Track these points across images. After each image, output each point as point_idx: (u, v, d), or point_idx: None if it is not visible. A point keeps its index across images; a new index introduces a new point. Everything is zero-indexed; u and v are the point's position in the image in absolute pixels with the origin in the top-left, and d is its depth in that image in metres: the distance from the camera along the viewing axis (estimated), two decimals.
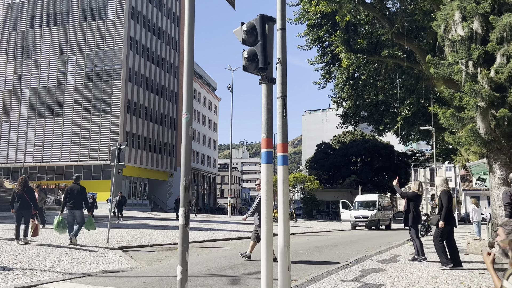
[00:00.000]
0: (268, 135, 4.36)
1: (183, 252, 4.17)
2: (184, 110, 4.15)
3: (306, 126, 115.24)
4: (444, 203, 7.97)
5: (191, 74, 4.14)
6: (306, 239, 16.50)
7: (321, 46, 35.50)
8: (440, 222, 7.89)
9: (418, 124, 42.28)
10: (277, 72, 4.69)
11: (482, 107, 9.49)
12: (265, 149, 4.40)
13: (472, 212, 18.12)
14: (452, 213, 8.17)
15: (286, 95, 4.65)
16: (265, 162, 4.47)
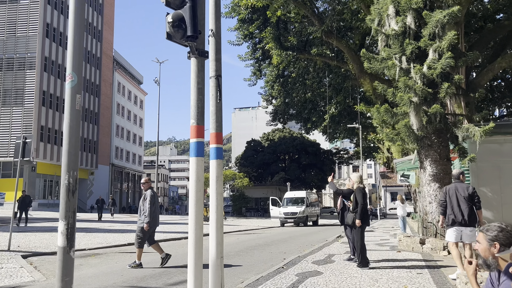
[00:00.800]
0: (198, 122, 3.51)
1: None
2: (68, 70, 3.10)
3: (236, 124, 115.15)
4: (359, 200, 7.66)
5: (80, 20, 3.17)
6: (236, 239, 15.82)
7: (251, 42, 35.04)
8: (356, 220, 7.57)
9: (343, 122, 43.61)
10: (210, 46, 3.86)
11: (415, 103, 9.39)
12: (194, 138, 3.54)
13: (397, 208, 18.59)
14: (367, 211, 7.90)
15: (221, 75, 3.84)
16: (195, 154, 3.59)
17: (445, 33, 9.55)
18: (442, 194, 7.07)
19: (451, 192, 6.95)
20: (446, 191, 7.02)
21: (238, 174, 45.21)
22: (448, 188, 7.02)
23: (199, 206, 3.67)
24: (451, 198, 6.87)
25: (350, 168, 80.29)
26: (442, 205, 6.94)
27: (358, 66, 26.84)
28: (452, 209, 6.79)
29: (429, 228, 9.94)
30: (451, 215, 6.79)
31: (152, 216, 8.44)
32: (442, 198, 7.00)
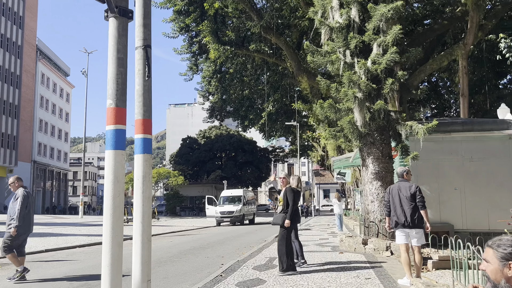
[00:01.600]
0: (118, 103, 2.64)
1: None
2: None
3: (170, 120, 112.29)
4: (290, 201, 7.17)
5: None
6: (169, 242, 14.79)
7: (188, 35, 33.86)
8: (286, 220, 7.06)
9: (280, 121, 43.75)
10: (136, 8, 3.00)
11: (359, 99, 9.05)
12: (112, 125, 2.66)
13: (334, 206, 18.62)
14: (298, 211, 7.48)
15: (150, 45, 3.00)
16: (113, 146, 2.69)
17: (389, 28, 9.33)
18: (386, 194, 6.71)
19: (393, 192, 6.61)
20: (389, 190, 6.68)
21: (172, 172, 43.64)
22: (391, 188, 6.69)
23: (117, 217, 2.79)
24: (393, 198, 6.54)
25: (285, 165, 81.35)
26: (386, 206, 6.59)
27: (296, 64, 26.80)
28: (395, 210, 6.46)
29: (371, 228, 9.69)
30: (394, 217, 6.45)
31: (22, 220, 7.06)
32: (386, 198, 6.65)
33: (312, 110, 30.12)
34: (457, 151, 10.81)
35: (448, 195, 10.73)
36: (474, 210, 10.56)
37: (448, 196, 10.72)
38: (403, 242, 6.51)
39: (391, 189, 6.61)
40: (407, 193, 6.67)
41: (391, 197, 6.48)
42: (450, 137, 10.77)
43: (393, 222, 6.40)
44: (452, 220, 10.53)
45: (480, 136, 10.64)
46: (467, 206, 10.63)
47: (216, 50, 29.20)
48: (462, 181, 10.73)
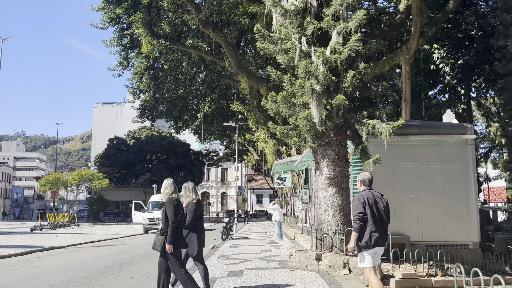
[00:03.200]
0: None
1: None
2: None
3: (97, 120, 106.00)
4: (170, 217, 5.44)
5: None
6: (86, 256, 12.61)
7: (118, 27, 31.25)
8: (166, 245, 5.35)
9: (216, 123, 42.18)
10: None
11: (318, 92, 7.82)
12: None
13: (274, 212, 17.59)
14: (181, 231, 5.67)
15: None
16: None
17: (349, 16, 8.25)
18: (360, 204, 5.45)
19: (370, 202, 5.42)
20: (364, 200, 5.45)
21: (96, 175, 40.18)
22: (366, 198, 5.48)
23: None
24: (373, 211, 5.34)
25: (219, 170, 79.87)
26: (362, 220, 5.33)
27: (236, 62, 25.39)
28: (376, 225, 5.27)
29: (324, 241, 8.49)
30: (375, 233, 5.25)
31: None
32: (360, 209, 5.38)
33: (251, 112, 28.96)
34: (413, 156, 10.00)
35: (404, 203, 9.87)
36: (430, 220, 9.79)
37: (403, 205, 9.85)
38: (371, 265, 5.34)
39: (367, 199, 5.41)
40: (382, 204, 5.54)
41: (370, 210, 5.28)
42: (407, 141, 9.94)
43: (372, 240, 5.18)
44: (408, 231, 9.67)
45: (437, 141, 9.91)
46: (423, 215, 9.84)
47: (149, 43, 26.98)
48: (418, 188, 9.94)
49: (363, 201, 5.43)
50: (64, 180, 37.65)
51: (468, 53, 22.26)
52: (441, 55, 23.03)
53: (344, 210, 8.54)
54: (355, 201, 5.55)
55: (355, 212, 5.41)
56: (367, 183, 5.73)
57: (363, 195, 5.56)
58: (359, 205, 5.41)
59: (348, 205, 8.69)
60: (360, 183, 5.78)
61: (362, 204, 5.41)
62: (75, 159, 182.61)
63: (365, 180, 5.77)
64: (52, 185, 36.78)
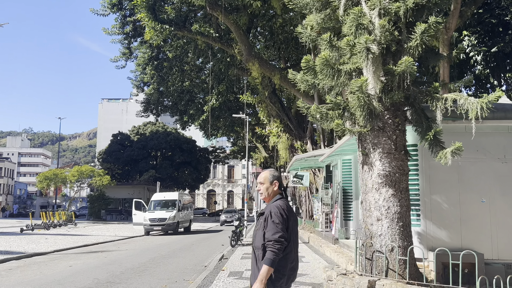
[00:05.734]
0: None
1: None
2: None
3: (103, 116, 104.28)
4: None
5: None
6: (66, 268, 10.40)
7: (120, 14, 29.13)
8: None
9: (223, 118, 40.01)
10: None
11: (374, 53, 5.51)
12: None
13: None
14: None
15: None
16: None
17: None
18: (283, 221, 3.32)
19: (290, 217, 3.42)
20: (287, 215, 3.34)
21: (97, 171, 38.11)
22: (288, 210, 3.40)
23: None
24: (293, 231, 3.42)
25: (226, 167, 77.71)
26: (283, 247, 3.23)
27: (246, 48, 23.09)
28: (295, 256, 3.43)
29: (377, 261, 6.20)
30: (291, 264, 3.47)
31: None
32: (284, 230, 3.32)
33: (262, 103, 26.64)
34: (485, 148, 7.67)
35: (473, 210, 7.56)
36: (509, 231, 7.47)
37: (472, 212, 7.55)
38: None
39: (288, 212, 3.32)
40: (296, 221, 3.55)
41: (291, 228, 3.30)
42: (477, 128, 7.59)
43: (285, 277, 3.24)
44: (479, 246, 7.35)
45: None
46: (499, 225, 7.52)
47: (152, 29, 24.69)
48: (492, 190, 7.61)
49: (286, 217, 3.28)
50: (63, 177, 35.64)
51: (503, 40, 19.81)
52: (472, 42, 20.56)
53: (404, 220, 6.25)
54: (274, 215, 3.28)
55: (274, 234, 3.18)
56: (281, 185, 3.54)
57: (282, 206, 3.33)
58: (281, 223, 3.24)
59: (409, 212, 6.39)
60: (274, 184, 3.50)
61: (286, 221, 3.27)
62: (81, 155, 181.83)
63: (280, 180, 3.56)
64: (50, 182, 34.78)
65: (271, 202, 3.40)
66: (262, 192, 3.49)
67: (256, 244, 3.28)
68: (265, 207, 3.45)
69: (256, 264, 3.25)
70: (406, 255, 6.08)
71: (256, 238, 3.31)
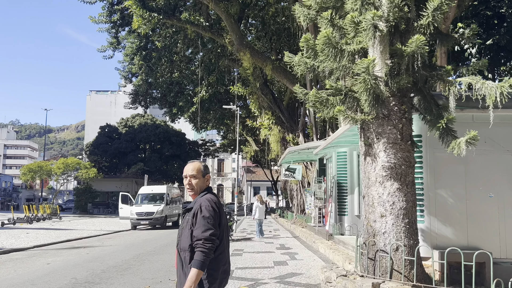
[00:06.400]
0: None
1: None
2: None
3: (91, 108, 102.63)
4: None
5: None
6: (43, 266, 9.74)
7: (108, 1, 28.22)
8: None
9: (213, 110, 39.36)
10: None
11: (382, 31, 4.94)
12: None
13: (254, 210, 15.92)
14: None
15: None
16: None
17: None
18: (215, 215, 2.89)
19: (222, 214, 3.09)
20: (218, 210, 2.96)
21: (83, 163, 37.21)
22: (217, 205, 3.01)
23: None
24: (224, 230, 3.11)
25: (216, 161, 77.04)
26: (215, 243, 2.83)
27: (237, 37, 22.41)
28: (227, 257, 3.13)
29: (380, 261, 5.66)
30: (226, 273, 2.95)
31: None
32: (216, 227, 2.88)
33: (253, 95, 26.01)
34: (493, 138, 7.18)
35: (480, 205, 7.07)
36: None
37: (479, 207, 7.06)
38: None
39: (220, 207, 2.92)
40: (225, 217, 3.23)
41: (223, 225, 2.91)
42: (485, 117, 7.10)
43: (217, 281, 2.79)
44: (487, 244, 6.86)
45: None
46: (507, 222, 7.04)
47: (140, 17, 23.85)
48: (500, 184, 7.13)
49: (218, 212, 2.85)
50: (48, 169, 34.69)
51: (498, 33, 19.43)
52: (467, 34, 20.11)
53: (410, 216, 5.73)
54: (204, 209, 2.82)
55: (204, 232, 2.71)
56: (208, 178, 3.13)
57: (213, 199, 2.92)
58: (212, 218, 2.79)
59: (415, 208, 5.87)
60: (207, 178, 3.08)
61: (218, 216, 2.84)
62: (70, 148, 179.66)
63: (208, 172, 3.12)
64: (35, 174, 33.82)
65: (199, 196, 2.93)
66: (193, 187, 2.97)
67: (182, 246, 2.78)
68: (192, 202, 2.96)
69: (182, 269, 2.75)
70: (413, 254, 5.56)
71: (182, 238, 2.80)
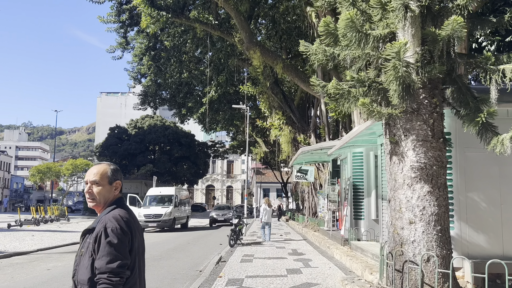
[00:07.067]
0: None
1: None
2: None
3: (101, 110, 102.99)
4: None
5: None
6: (44, 272, 9.24)
7: (116, 1, 27.94)
8: None
9: (223, 111, 38.89)
10: None
11: (413, 12, 4.32)
12: None
13: (262, 213, 15.50)
14: None
15: None
16: None
17: None
18: (124, 239, 2.24)
19: (135, 234, 2.39)
20: (132, 230, 2.36)
21: (92, 165, 37.00)
22: (131, 223, 2.35)
23: None
24: (138, 252, 2.44)
25: (225, 162, 76.59)
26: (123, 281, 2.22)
27: (247, 35, 21.86)
28: (140, 278, 2.44)
29: (409, 274, 5.03)
30: None
31: None
32: (125, 255, 2.23)
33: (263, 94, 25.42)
34: None
35: None
36: None
37: None
38: None
39: (133, 226, 2.25)
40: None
41: (137, 249, 2.24)
42: None
43: None
44: None
45: None
46: None
47: (149, 16, 23.44)
48: None
49: (129, 235, 2.22)
50: (57, 170, 34.48)
51: None
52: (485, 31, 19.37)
53: (442, 223, 5.08)
54: (111, 233, 2.18)
55: (110, 263, 2.10)
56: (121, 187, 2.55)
57: (123, 217, 2.25)
58: (121, 243, 2.16)
59: (448, 214, 5.22)
60: (116, 185, 2.47)
61: (129, 240, 2.22)
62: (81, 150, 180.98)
63: (122, 179, 2.62)
64: (44, 175, 33.64)
65: (104, 212, 2.25)
66: (94, 197, 2.30)
67: (79, 278, 2.13)
68: (95, 219, 2.26)
69: None
70: (446, 266, 4.92)
71: (80, 268, 2.15)
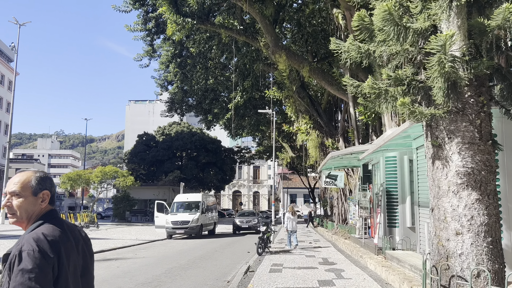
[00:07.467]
0: None
1: None
2: None
3: (130, 117, 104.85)
4: None
5: None
6: None
7: (143, 10, 28.30)
8: None
9: (248, 116, 38.75)
10: None
11: (460, 1, 3.90)
12: None
13: (286, 221, 15.30)
14: None
15: None
16: None
17: None
18: (45, 266, 1.77)
19: (66, 257, 1.91)
20: (57, 252, 1.89)
21: (120, 172, 37.43)
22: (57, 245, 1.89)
23: None
24: None
25: (251, 168, 76.43)
26: None
27: (273, 39, 21.61)
28: None
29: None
30: None
31: None
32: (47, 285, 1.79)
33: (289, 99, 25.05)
34: None
35: None
36: None
37: None
38: None
39: (58, 249, 1.80)
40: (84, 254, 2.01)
41: (67, 276, 1.79)
42: None
43: None
44: None
45: None
46: None
47: (174, 23, 23.56)
48: None
49: (52, 258, 1.77)
50: (87, 177, 35.09)
51: None
52: None
53: (493, 234, 4.60)
54: (25, 258, 1.74)
55: None
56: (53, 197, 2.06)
57: (48, 236, 1.82)
58: (38, 271, 1.71)
59: (499, 224, 4.74)
60: (42, 196, 1.97)
61: (53, 266, 1.77)
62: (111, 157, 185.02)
63: (54, 188, 2.10)
64: (74, 183, 34.29)
65: (28, 230, 1.87)
66: (13, 211, 1.91)
67: None
68: (16, 242, 1.84)
69: None
70: (500, 282, 4.44)
71: None
